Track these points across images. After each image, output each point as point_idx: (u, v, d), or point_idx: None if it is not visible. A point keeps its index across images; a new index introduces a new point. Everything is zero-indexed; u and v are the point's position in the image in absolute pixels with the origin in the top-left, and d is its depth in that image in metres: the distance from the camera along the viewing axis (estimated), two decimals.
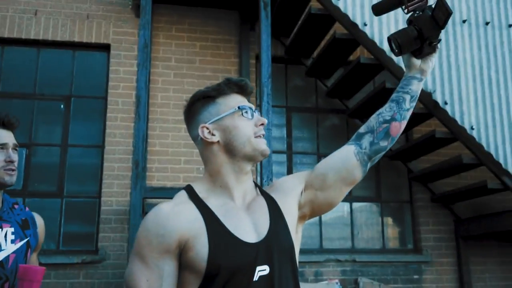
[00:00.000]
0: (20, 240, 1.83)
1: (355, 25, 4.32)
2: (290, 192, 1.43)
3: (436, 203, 4.92)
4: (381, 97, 4.64)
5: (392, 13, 4.25)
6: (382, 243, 5.08)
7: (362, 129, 1.50)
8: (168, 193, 4.14)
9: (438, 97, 4.19)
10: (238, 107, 1.37)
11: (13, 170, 1.79)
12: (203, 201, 1.32)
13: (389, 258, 4.85)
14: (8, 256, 1.76)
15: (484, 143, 4.10)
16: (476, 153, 4.13)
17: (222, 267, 1.21)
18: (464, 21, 4.47)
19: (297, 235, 1.41)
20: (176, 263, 1.25)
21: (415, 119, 4.58)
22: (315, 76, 5.23)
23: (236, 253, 1.25)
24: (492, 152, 4.06)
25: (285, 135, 5.20)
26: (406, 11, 1.45)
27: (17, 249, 1.81)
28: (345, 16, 4.35)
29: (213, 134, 1.37)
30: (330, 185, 1.43)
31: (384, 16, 4.34)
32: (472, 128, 4.13)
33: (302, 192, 1.44)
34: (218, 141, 1.36)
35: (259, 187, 1.45)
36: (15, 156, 1.80)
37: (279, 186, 1.46)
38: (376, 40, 4.28)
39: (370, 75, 4.72)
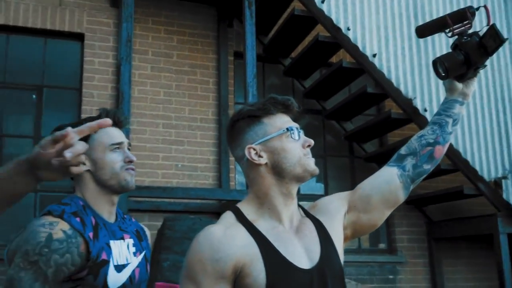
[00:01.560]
0: (140, 253, 1.65)
1: (338, 29, 4.37)
2: (336, 215, 1.42)
3: (409, 205, 5.08)
4: (360, 100, 4.73)
5: (374, 18, 4.33)
6: (358, 243, 5.20)
7: (403, 151, 1.50)
8: (146, 192, 4.05)
9: (418, 104, 4.32)
10: (287, 129, 1.34)
11: (133, 169, 1.59)
12: (253, 224, 1.30)
13: (365, 258, 4.97)
14: (134, 270, 1.58)
15: (461, 150, 4.27)
16: (454, 159, 4.28)
17: None
18: None
19: (342, 258, 1.42)
20: None
21: (395, 124, 4.71)
22: (293, 76, 5.25)
23: (292, 279, 1.23)
24: (469, 159, 4.23)
25: None
26: (450, 34, 1.47)
27: (140, 262, 1.62)
28: (329, 19, 4.38)
29: (260, 156, 1.34)
30: (374, 207, 1.44)
31: (367, 21, 4.41)
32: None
33: (345, 214, 1.44)
34: (266, 163, 1.33)
35: (302, 208, 1.44)
36: (133, 156, 1.60)
37: (323, 207, 1.45)
38: (359, 45, 4.35)
39: (350, 78, 4.79)
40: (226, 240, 1.23)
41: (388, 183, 1.46)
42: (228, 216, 1.32)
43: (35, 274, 1.33)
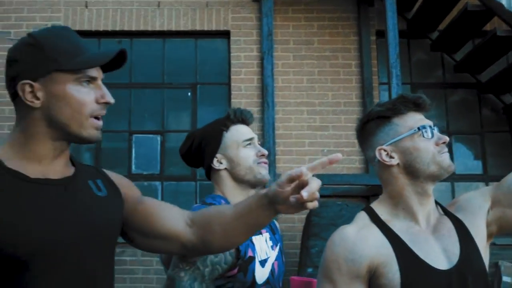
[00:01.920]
0: (276, 246, 1.69)
1: None
2: (478, 212, 1.36)
3: None
4: None
5: None
6: None
7: None
8: None
9: None
10: (418, 128, 1.31)
11: (265, 163, 1.67)
12: (387, 225, 1.30)
13: None
14: (273, 264, 1.63)
15: None
16: None
17: None
18: None
19: (486, 256, 1.36)
20: (366, 287, 1.25)
21: None
22: (441, 50, 4.95)
23: (429, 281, 1.22)
24: None
25: None
26: None
27: (277, 256, 1.66)
28: None
29: (391, 157, 1.33)
30: None
31: None
32: None
33: (489, 210, 1.37)
34: (397, 164, 1.32)
35: (440, 205, 1.40)
36: (264, 150, 1.68)
37: (463, 205, 1.39)
38: None
39: (506, 48, 4.37)
40: (359, 241, 1.26)
41: None
42: (362, 217, 1.34)
43: (193, 273, 1.45)
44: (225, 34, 5.00)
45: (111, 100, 1.14)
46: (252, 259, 1.54)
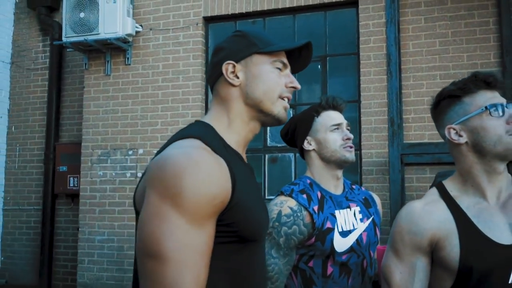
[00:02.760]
0: (367, 219, 1.86)
1: None
2: None
3: None
4: None
5: None
6: None
7: None
8: (425, 148, 4.16)
9: None
10: (486, 107, 1.33)
11: (351, 147, 1.84)
12: (455, 200, 1.36)
13: None
14: (361, 234, 1.80)
15: None
16: None
17: (474, 269, 1.25)
18: None
19: None
20: (428, 259, 1.34)
21: None
22: None
23: (489, 255, 1.26)
24: None
25: None
26: None
27: (367, 227, 1.84)
28: None
29: (460, 136, 1.37)
30: None
31: None
32: None
33: None
34: (466, 142, 1.36)
35: None
36: (350, 134, 1.85)
37: None
38: None
39: None
40: (424, 215, 1.34)
41: None
42: (432, 193, 1.42)
43: (270, 243, 1.71)
44: (354, 4, 5.02)
45: (298, 86, 1.32)
46: (331, 230, 1.74)
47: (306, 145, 1.90)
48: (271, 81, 1.25)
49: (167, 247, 0.98)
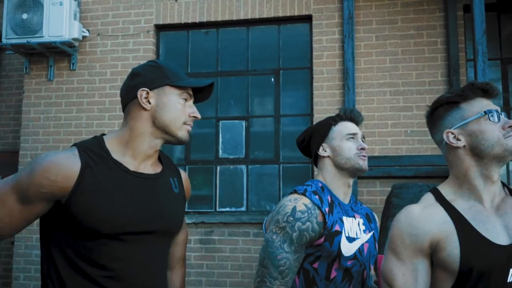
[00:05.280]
0: (369, 232, 1.92)
1: None
2: None
3: None
4: None
5: None
6: None
7: None
8: (376, 162, 4.22)
9: None
10: (484, 112, 1.38)
11: (364, 156, 1.89)
12: (451, 204, 1.38)
13: None
14: (363, 245, 1.85)
15: None
16: None
17: (475, 269, 1.27)
18: None
19: None
20: (429, 261, 1.35)
21: None
22: None
23: (488, 255, 1.29)
24: None
25: (501, 90, 4.79)
26: None
27: (369, 239, 1.89)
28: None
29: (458, 139, 1.41)
30: None
31: None
32: None
33: None
34: (464, 146, 1.40)
35: (507, 187, 1.46)
36: (364, 144, 1.91)
37: None
38: None
39: None
40: (423, 218, 1.36)
41: None
42: (428, 197, 1.44)
43: (283, 237, 1.72)
44: (307, 19, 5.07)
45: (199, 116, 1.54)
46: (339, 233, 1.77)
47: (321, 151, 1.95)
48: (177, 111, 1.49)
49: None
